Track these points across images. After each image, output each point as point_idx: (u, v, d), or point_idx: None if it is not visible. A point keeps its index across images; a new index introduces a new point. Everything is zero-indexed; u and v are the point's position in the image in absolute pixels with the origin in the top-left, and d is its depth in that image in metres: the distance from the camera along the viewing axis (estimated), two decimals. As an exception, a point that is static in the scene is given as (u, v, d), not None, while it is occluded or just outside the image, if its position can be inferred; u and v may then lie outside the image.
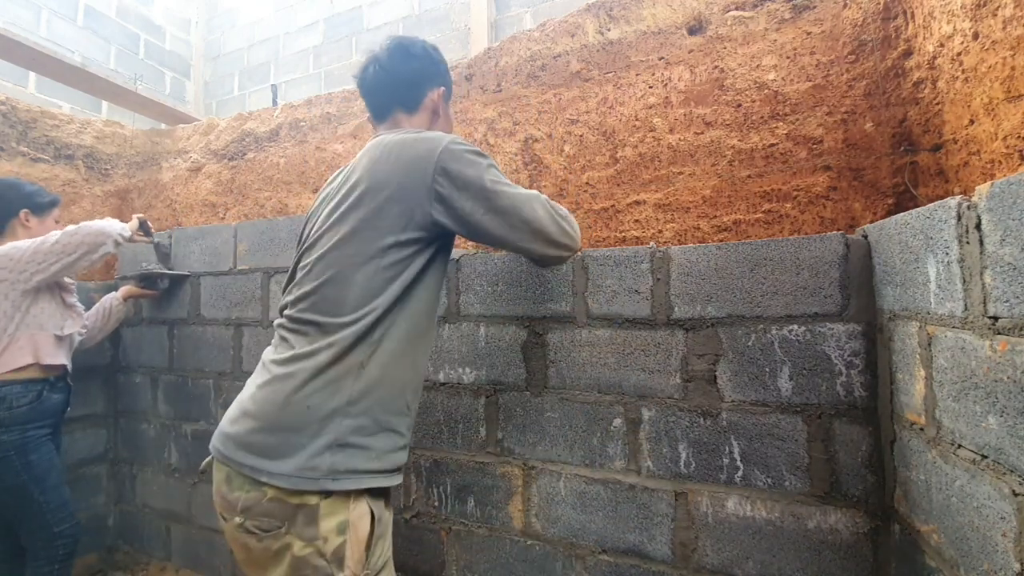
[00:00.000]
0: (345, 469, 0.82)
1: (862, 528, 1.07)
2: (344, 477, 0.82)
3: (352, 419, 0.84)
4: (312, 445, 0.82)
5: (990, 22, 0.95)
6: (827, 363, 1.11)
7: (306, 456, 0.81)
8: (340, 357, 0.85)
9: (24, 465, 1.49)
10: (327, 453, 0.82)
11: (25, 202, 1.63)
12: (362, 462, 0.84)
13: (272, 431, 0.84)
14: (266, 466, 0.82)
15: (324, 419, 0.83)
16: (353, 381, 0.85)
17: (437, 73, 1.09)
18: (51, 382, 1.60)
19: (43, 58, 2.31)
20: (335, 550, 0.80)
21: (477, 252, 1.50)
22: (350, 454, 0.83)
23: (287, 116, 2.24)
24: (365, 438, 0.85)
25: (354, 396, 0.85)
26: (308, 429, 0.83)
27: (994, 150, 0.96)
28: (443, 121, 1.11)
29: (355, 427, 0.84)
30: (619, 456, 1.29)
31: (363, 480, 0.83)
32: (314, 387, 0.85)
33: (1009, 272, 0.64)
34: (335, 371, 0.85)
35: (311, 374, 0.85)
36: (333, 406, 0.84)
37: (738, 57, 1.48)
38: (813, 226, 1.36)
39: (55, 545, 1.53)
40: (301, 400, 0.84)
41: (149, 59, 4.38)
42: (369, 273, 0.87)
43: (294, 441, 0.82)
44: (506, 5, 3.64)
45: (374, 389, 0.86)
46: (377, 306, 0.87)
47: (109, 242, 1.63)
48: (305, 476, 0.80)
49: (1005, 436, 0.65)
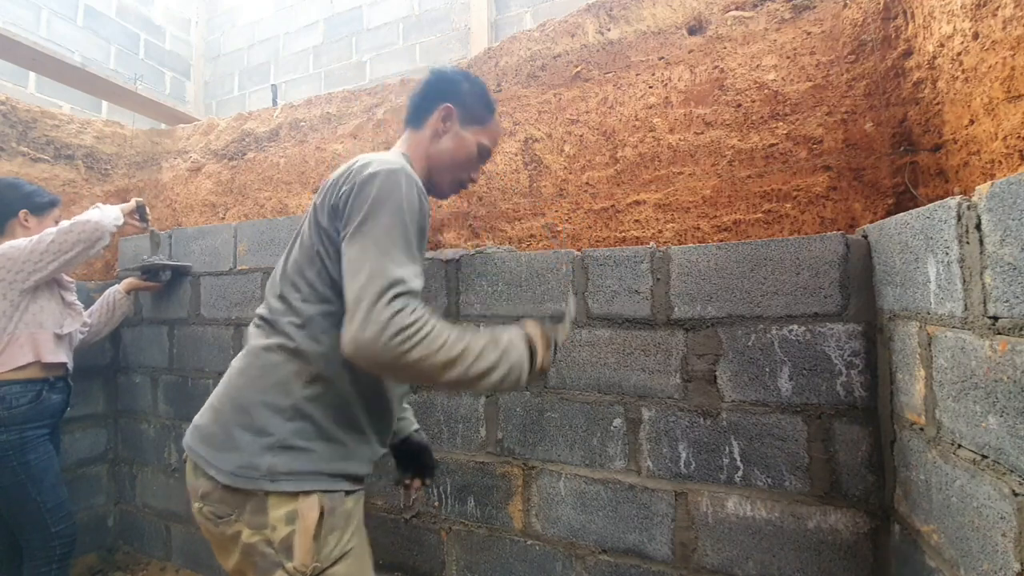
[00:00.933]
0: (285, 471, 0.82)
1: (862, 528, 1.07)
2: (283, 479, 0.82)
3: (295, 422, 0.84)
4: (254, 443, 0.83)
5: (990, 22, 0.95)
6: (827, 363, 1.11)
7: (248, 454, 0.82)
8: (289, 360, 0.86)
9: (22, 465, 1.49)
10: (268, 454, 0.82)
11: (24, 202, 1.62)
12: (303, 464, 0.84)
13: (222, 424, 0.86)
14: (214, 458, 0.84)
15: (268, 419, 0.84)
16: (301, 386, 0.85)
17: (449, 91, 1.05)
18: (51, 382, 1.60)
19: (43, 58, 2.31)
20: (283, 539, 0.81)
21: (477, 252, 1.50)
22: (291, 456, 0.83)
23: (287, 116, 2.24)
24: (307, 442, 0.85)
25: (299, 400, 0.85)
26: (253, 427, 0.84)
27: (994, 150, 0.96)
28: (448, 142, 1.04)
29: (296, 430, 0.84)
30: (619, 456, 1.29)
31: (304, 482, 0.83)
32: (263, 385, 0.86)
33: (1009, 272, 0.64)
34: (284, 372, 0.86)
35: (261, 371, 0.87)
36: (278, 406, 0.85)
37: (738, 57, 1.48)
38: (813, 226, 1.36)
39: (52, 545, 1.53)
40: (250, 396, 0.86)
41: (149, 59, 4.38)
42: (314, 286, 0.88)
43: (238, 437, 0.84)
44: (506, 5, 3.64)
45: (318, 396, 0.86)
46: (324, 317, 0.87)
47: (105, 236, 1.64)
48: (245, 475, 0.81)
49: (1005, 436, 0.65)
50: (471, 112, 1.06)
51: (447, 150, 1.05)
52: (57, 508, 1.55)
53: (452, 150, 1.05)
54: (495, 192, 1.77)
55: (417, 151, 1.04)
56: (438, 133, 1.04)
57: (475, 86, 1.08)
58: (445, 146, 1.05)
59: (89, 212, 1.65)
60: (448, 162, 1.05)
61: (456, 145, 1.05)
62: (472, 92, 1.07)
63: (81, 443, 2.11)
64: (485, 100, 1.09)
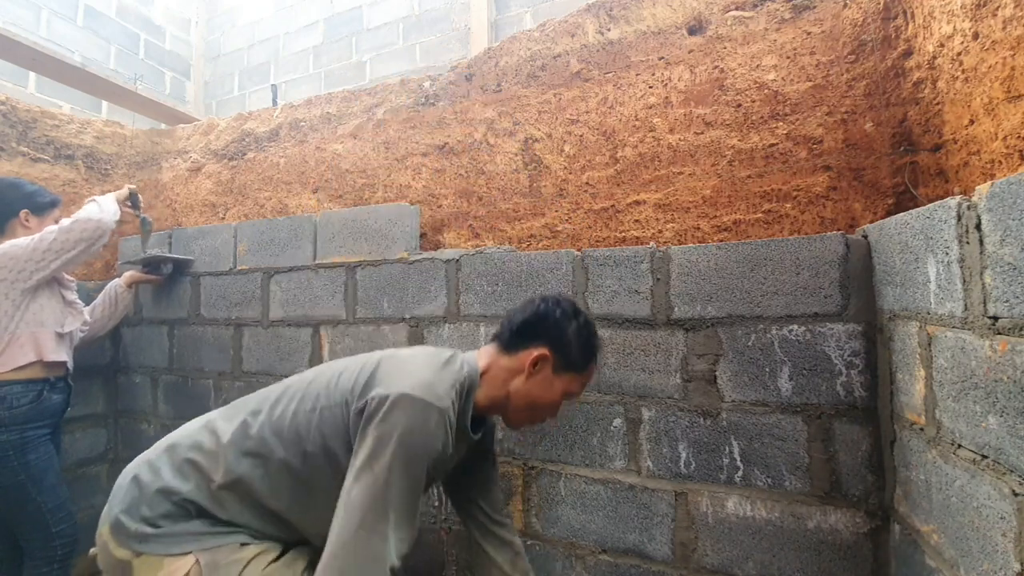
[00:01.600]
0: (155, 533, 0.85)
1: (862, 528, 1.07)
2: (153, 540, 0.84)
3: (174, 507, 0.86)
4: (139, 503, 0.86)
5: (990, 22, 0.95)
6: (827, 363, 1.11)
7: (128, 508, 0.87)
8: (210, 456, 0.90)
9: (22, 465, 1.49)
10: (142, 520, 0.85)
11: (25, 202, 1.62)
12: (183, 527, 0.86)
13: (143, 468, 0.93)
14: (115, 499, 0.90)
15: (158, 491, 0.86)
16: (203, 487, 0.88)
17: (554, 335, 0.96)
18: (51, 382, 1.60)
19: (43, 58, 2.31)
20: None
21: (476, 252, 1.50)
22: (171, 526, 0.85)
23: (287, 116, 2.24)
24: (189, 525, 0.87)
25: (190, 494, 0.87)
26: (146, 491, 0.87)
27: (994, 150, 0.96)
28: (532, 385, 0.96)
29: (168, 512, 0.86)
30: (619, 456, 1.29)
31: (182, 543, 0.85)
32: (178, 459, 0.90)
33: (1009, 272, 0.64)
34: (197, 457, 0.89)
35: (189, 446, 0.91)
36: (171, 487, 0.87)
37: (738, 57, 1.47)
38: (813, 226, 1.36)
39: (53, 545, 1.52)
40: (181, 452, 0.91)
41: (149, 59, 4.38)
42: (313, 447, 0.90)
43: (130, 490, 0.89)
44: (506, 5, 3.64)
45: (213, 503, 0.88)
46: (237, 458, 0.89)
47: (107, 233, 1.64)
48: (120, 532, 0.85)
49: (1005, 436, 0.65)
50: (570, 359, 0.97)
51: (532, 394, 0.97)
52: (58, 508, 1.54)
53: (536, 395, 0.97)
54: (495, 192, 1.77)
55: (496, 377, 0.97)
56: (527, 373, 0.96)
57: (583, 332, 0.98)
58: (532, 389, 0.96)
59: (88, 208, 1.64)
60: (526, 404, 0.97)
61: (542, 391, 0.97)
62: (577, 339, 0.97)
63: (81, 443, 2.11)
64: (589, 347, 0.99)
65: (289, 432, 0.88)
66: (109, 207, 1.70)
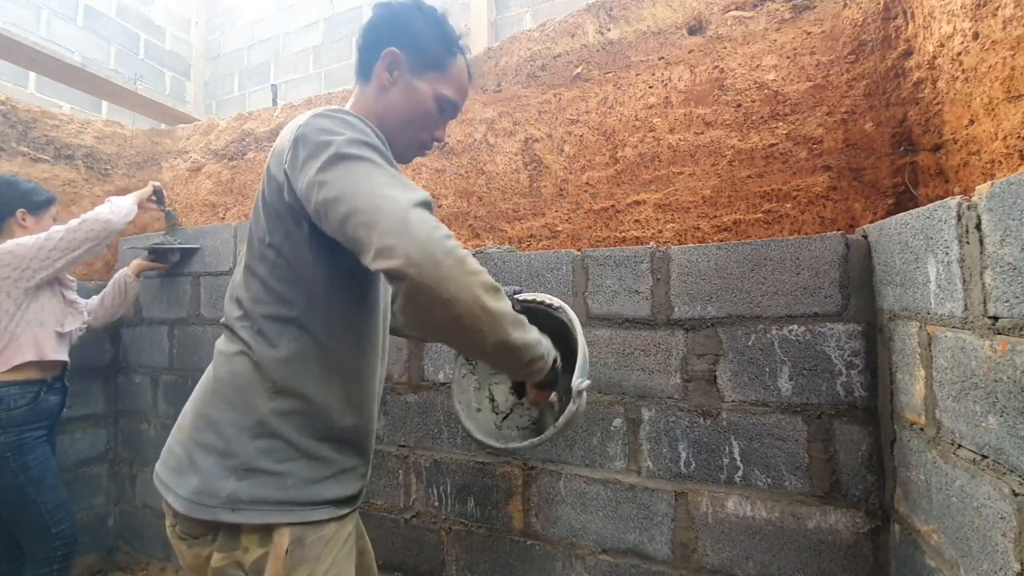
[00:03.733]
0: (249, 499, 0.70)
1: (862, 528, 1.07)
2: (247, 508, 0.70)
3: (262, 441, 0.73)
4: (214, 466, 0.72)
5: (990, 22, 0.95)
6: (827, 363, 1.11)
7: (206, 477, 0.72)
8: (248, 367, 0.75)
9: (21, 466, 1.49)
10: (232, 478, 0.71)
11: (21, 201, 1.62)
12: (272, 491, 0.71)
13: (183, 443, 0.76)
14: (172, 483, 0.75)
15: (229, 437, 0.73)
16: (266, 399, 0.74)
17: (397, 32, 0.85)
18: (48, 383, 1.59)
19: (43, 58, 2.31)
20: (255, 562, 0.71)
21: (476, 252, 1.50)
22: (258, 482, 0.71)
23: (287, 116, 2.24)
24: (278, 463, 0.73)
25: (264, 414, 0.73)
26: (213, 446, 0.73)
27: (994, 150, 0.96)
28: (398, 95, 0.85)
29: (264, 449, 0.72)
30: (619, 456, 1.29)
31: (271, 514, 0.71)
32: (222, 397, 0.76)
33: (1009, 272, 0.64)
34: (243, 381, 0.75)
35: (220, 382, 0.77)
36: (238, 422, 0.73)
37: (738, 57, 1.48)
38: (813, 226, 1.36)
39: (53, 546, 1.52)
40: (209, 411, 0.76)
41: (149, 59, 4.38)
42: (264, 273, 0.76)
43: (197, 459, 0.73)
44: (506, 5, 3.64)
45: (290, 413, 0.74)
46: (278, 313, 0.76)
47: (113, 232, 1.66)
48: (201, 502, 0.71)
49: (1005, 436, 0.65)
50: (425, 56, 0.85)
51: (398, 106, 0.85)
52: (57, 509, 1.54)
53: (404, 105, 0.85)
54: (495, 192, 1.77)
55: (364, 109, 0.86)
56: (385, 85, 0.85)
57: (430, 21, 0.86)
58: (395, 101, 0.85)
59: (99, 209, 1.66)
60: (400, 120, 0.85)
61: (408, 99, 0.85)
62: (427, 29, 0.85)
63: (81, 443, 2.11)
64: (444, 39, 0.87)
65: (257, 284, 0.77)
66: (123, 207, 1.71)
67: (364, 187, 0.63)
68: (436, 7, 0.89)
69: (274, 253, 0.75)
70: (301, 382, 0.75)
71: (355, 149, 0.67)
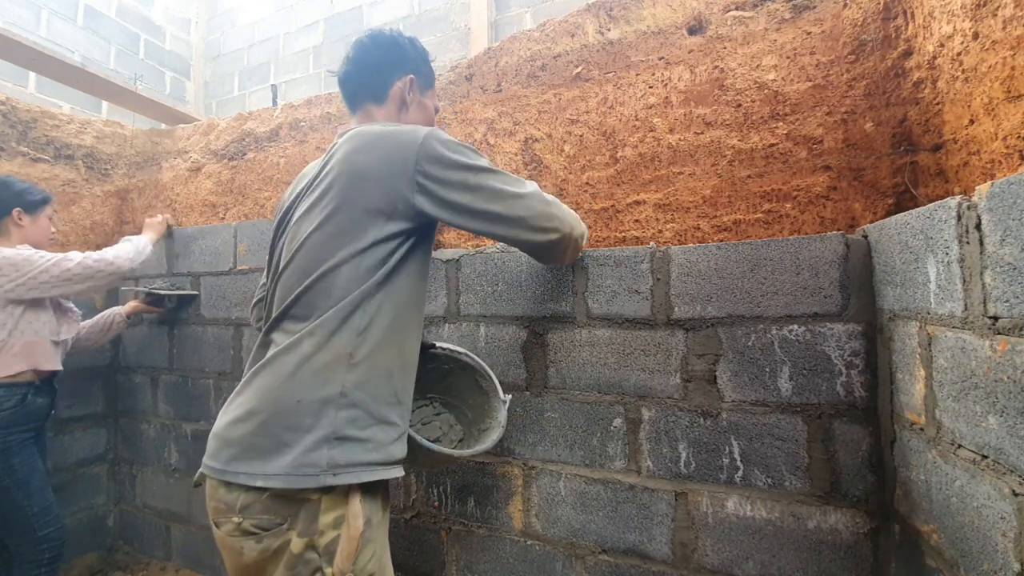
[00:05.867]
0: (345, 463, 0.80)
1: (862, 528, 1.07)
2: (344, 471, 0.80)
3: (346, 411, 0.82)
4: (307, 440, 0.80)
5: (990, 22, 0.95)
6: (827, 363, 1.11)
7: (302, 451, 0.79)
8: (324, 346, 0.83)
9: (6, 469, 1.47)
10: (325, 447, 0.80)
11: (17, 200, 1.61)
12: (362, 454, 0.82)
13: (263, 432, 0.81)
14: (261, 469, 0.79)
15: (316, 412, 0.81)
16: (344, 371, 0.83)
17: (404, 61, 1.04)
18: (36, 385, 1.58)
19: (43, 58, 2.31)
20: (328, 544, 0.79)
21: (477, 252, 1.50)
22: (349, 447, 0.81)
23: (287, 116, 2.24)
24: (362, 430, 0.83)
25: (346, 387, 0.83)
26: (302, 424, 0.80)
27: (994, 150, 0.96)
28: (415, 111, 1.06)
29: (350, 419, 0.82)
30: (619, 456, 1.29)
31: (364, 473, 0.81)
32: (302, 379, 0.82)
33: (1009, 272, 0.64)
34: (321, 360, 0.83)
35: (296, 366, 0.83)
36: (324, 397, 0.82)
37: (738, 57, 1.47)
38: (813, 226, 1.36)
39: (40, 549, 1.51)
40: (290, 394, 0.82)
41: (149, 59, 4.38)
42: (352, 263, 0.86)
43: (288, 438, 0.80)
44: (506, 5, 3.64)
45: (364, 379, 0.84)
46: (360, 294, 0.86)
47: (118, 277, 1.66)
48: (304, 473, 0.78)
49: (1005, 436, 0.65)
50: (425, 77, 1.07)
51: (416, 121, 1.04)
52: (44, 512, 1.53)
53: (420, 120, 1.06)
54: (495, 192, 1.76)
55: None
56: (406, 104, 1.04)
57: (417, 46, 1.07)
58: (414, 117, 1.05)
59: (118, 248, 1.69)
60: None
61: (422, 114, 1.07)
62: (419, 55, 1.07)
63: (81, 443, 2.11)
64: (428, 60, 1.09)
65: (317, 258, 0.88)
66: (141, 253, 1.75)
67: (513, 189, 0.92)
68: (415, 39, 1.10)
69: (370, 242, 0.87)
70: (373, 354, 0.86)
71: (484, 162, 0.92)
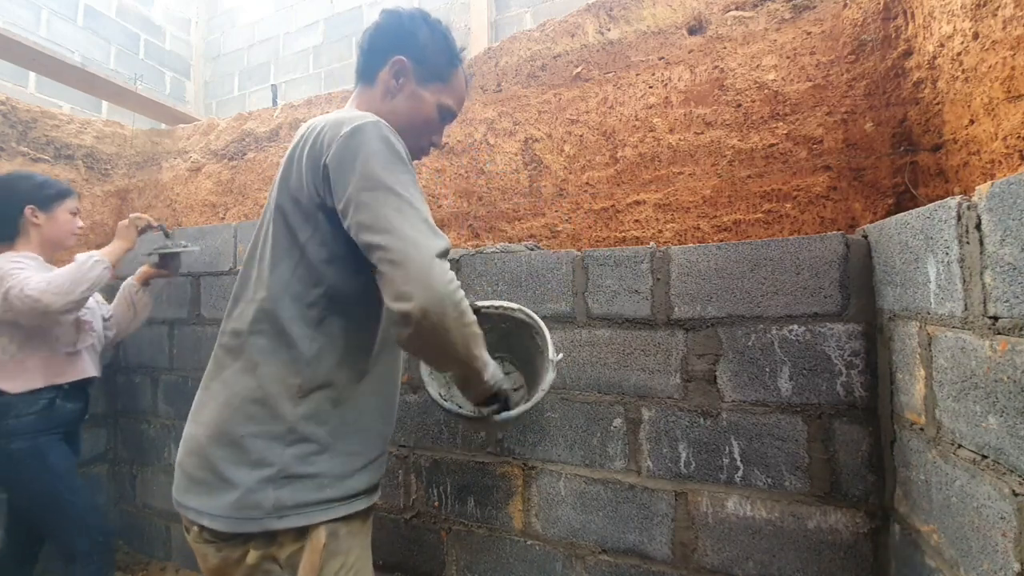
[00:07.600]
0: (293, 503, 0.72)
1: (862, 528, 1.07)
2: (292, 512, 0.72)
3: (295, 447, 0.74)
4: (251, 478, 0.72)
5: (990, 22, 0.95)
6: (827, 363, 1.11)
7: (244, 491, 0.72)
8: (270, 376, 0.75)
9: (44, 468, 1.44)
10: (270, 488, 0.72)
11: (29, 197, 1.52)
12: (312, 492, 0.74)
13: (207, 464, 0.74)
14: (207, 505, 0.73)
15: (263, 448, 0.73)
16: (292, 406, 0.74)
17: (404, 44, 0.88)
18: (65, 390, 1.53)
19: (43, 58, 2.31)
20: (289, 556, 0.74)
21: (476, 252, 1.50)
22: (298, 487, 0.73)
23: (287, 116, 2.24)
24: (311, 466, 0.74)
25: (294, 423, 0.74)
26: (247, 460, 0.73)
27: (994, 150, 0.96)
28: (403, 101, 0.89)
29: (298, 455, 0.74)
30: (619, 456, 1.29)
31: (315, 514, 0.74)
32: (248, 413, 0.74)
33: (1009, 272, 0.64)
34: (270, 394, 0.75)
35: (242, 400, 0.75)
36: (272, 433, 0.74)
37: (738, 57, 1.47)
38: (813, 226, 1.36)
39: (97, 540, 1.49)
40: (235, 429, 0.74)
41: (149, 59, 4.38)
42: (285, 278, 0.77)
43: (230, 474, 0.73)
44: (506, 5, 3.64)
45: (317, 413, 0.76)
46: (301, 316, 0.76)
47: (47, 315, 1.41)
48: (247, 516, 0.71)
49: (1005, 436, 0.65)
50: (431, 67, 0.90)
51: (402, 112, 0.89)
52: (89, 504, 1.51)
53: (408, 112, 0.89)
54: (495, 192, 1.77)
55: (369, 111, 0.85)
56: (391, 91, 0.89)
57: (436, 34, 0.90)
58: (400, 107, 0.89)
59: (56, 277, 1.40)
60: (403, 125, 0.86)
61: (412, 106, 0.89)
62: (432, 42, 0.89)
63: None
64: (448, 52, 0.91)
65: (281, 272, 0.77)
66: (73, 283, 1.41)
67: (396, 223, 0.69)
68: (440, 20, 0.93)
69: (300, 250, 0.77)
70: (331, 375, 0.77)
71: (392, 177, 0.71)
